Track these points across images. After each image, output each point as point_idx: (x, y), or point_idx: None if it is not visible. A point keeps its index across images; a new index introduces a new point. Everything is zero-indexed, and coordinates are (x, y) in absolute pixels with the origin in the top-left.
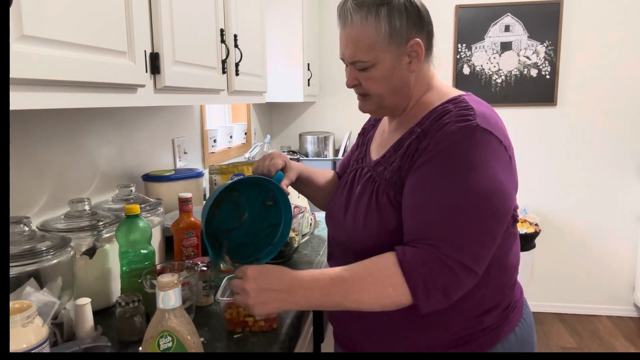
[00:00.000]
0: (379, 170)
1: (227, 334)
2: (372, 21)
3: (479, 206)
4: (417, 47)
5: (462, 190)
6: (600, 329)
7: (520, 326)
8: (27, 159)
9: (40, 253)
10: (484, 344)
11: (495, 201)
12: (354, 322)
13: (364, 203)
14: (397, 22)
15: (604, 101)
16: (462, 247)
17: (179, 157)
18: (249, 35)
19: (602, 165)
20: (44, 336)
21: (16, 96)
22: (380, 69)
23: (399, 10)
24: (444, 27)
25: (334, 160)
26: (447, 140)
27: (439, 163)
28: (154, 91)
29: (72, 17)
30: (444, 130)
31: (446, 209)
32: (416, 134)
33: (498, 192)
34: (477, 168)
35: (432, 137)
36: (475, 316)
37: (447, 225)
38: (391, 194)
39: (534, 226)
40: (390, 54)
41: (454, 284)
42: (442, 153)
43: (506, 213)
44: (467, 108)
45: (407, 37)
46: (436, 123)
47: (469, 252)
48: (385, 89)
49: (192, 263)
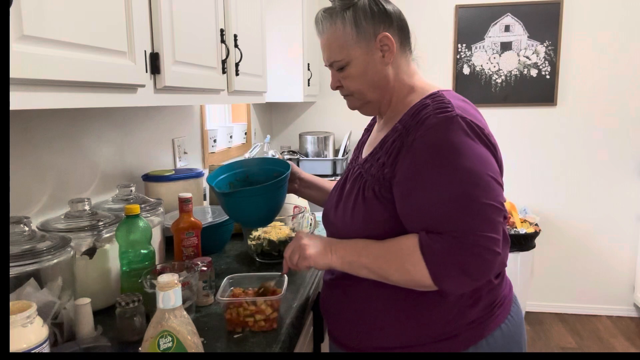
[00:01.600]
0: (366, 167)
1: (227, 334)
2: (340, 23)
3: (482, 188)
4: (387, 40)
5: (463, 177)
6: (600, 329)
7: (507, 323)
8: (27, 159)
9: (40, 253)
10: (469, 338)
11: (492, 180)
12: (344, 316)
13: (351, 199)
14: (362, 21)
15: (604, 101)
16: (483, 232)
17: (179, 157)
18: (249, 35)
19: (602, 165)
20: (44, 336)
21: (16, 96)
22: (354, 65)
23: (363, 9)
24: (444, 27)
25: (334, 160)
26: (431, 132)
27: (430, 156)
28: (154, 91)
29: (72, 17)
30: (426, 123)
31: (453, 199)
32: (399, 131)
33: (491, 170)
34: (467, 153)
35: (415, 132)
36: (460, 309)
37: (463, 215)
38: (376, 188)
39: (534, 226)
40: (361, 50)
41: (482, 267)
42: (431, 146)
43: (501, 186)
44: (444, 101)
45: (375, 32)
46: (415, 117)
47: (490, 237)
48: (364, 85)
49: (192, 263)
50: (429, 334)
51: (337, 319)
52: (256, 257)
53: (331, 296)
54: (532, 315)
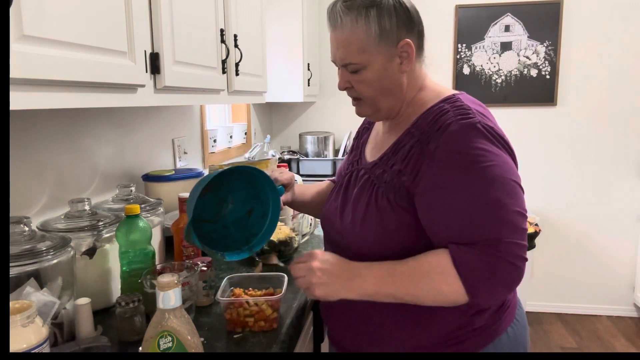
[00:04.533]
0: (377, 172)
1: (227, 334)
2: (362, 23)
3: (510, 195)
4: (408, 48)
5: (491, 184)
6: (600, 329)
7: (513, 326)
8: (27, 159)
9: (40, 253)
10: (476, 344)
11: (517, 185)
12: (346, 321)
13: (362, 206)
14: (387, 24)
15: (604, 101)
16: (514, 240)
17: (179, 157)
18: (249, 35)
19: (602, 165)
20: (44, 336)
21: (16, 96)
22: (371, 70)
23: (389, 11)
24: (444, 27)
25: (334, 160)
26: (454, 139)
27: (456, 164)
28: (154, 91)
29: (72, 17)
30: (448, 130)
31: (486, 207)
32: (416, 137)
33: (515, 176)
34: (493, 160)
35: (437, 139)
36: (467, 316)
37: (495, 222)
38: (391, 197)
39: (534, 226)
40: (381, 55)
41: (517, 276)
42: (457, 153)
43: (524, 192)
44: (464, 107)
45: (398, 38)
46: (435, 124)
47: (520, 244)
48: (377, 91)
49: (192, 263)
50: (433, 340)
51: (339, 323)
52: (256, 257)
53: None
54: (532, 315)
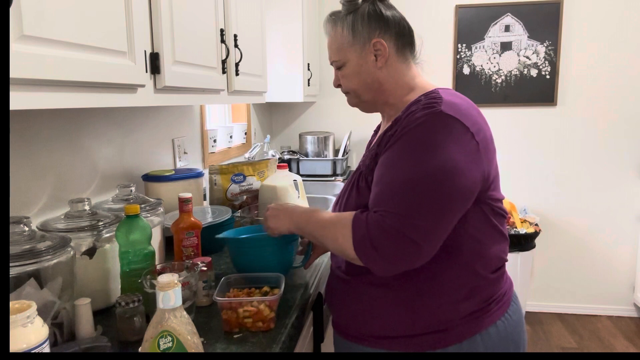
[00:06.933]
0: (366, 162)
1: (227, 334)
2: (340, 27)
3: (429, 183)
4: (380, 46)
5: (416, 168)
6: (600, 329)
7: (504, 320)
8: (27, 159)
9: (40, 253)
10: (463, 332)
11: (448, 181)
12: (345, 305)
13: (347, 189)
14: (359, 26)
15: (604, 101)
16: (405, 219)
17: (179, 157)
18: (249, 35)
19: (602, 165)
20: (44, 336)
21: (16, 96)
22: (349, 66)
23: (362, 16)
24: (444, 27)
25: (334, 160)
26: (411, 124)
27: (400, 144)
28: (154, 91)
29: (72, 17)
30: (410, 117)
31: (398, 185)
32: (393, 126)
33: (452, 172)
34: (434, 149)
35: (401, 124)
36: (452, 302)
37: (397, 198)
38: (370, 178)
39: (534, 226)
40: (356, 52)
41: (402, 255)
42: (405, 135)
43: (462, 193)
44: (435, 98)
45: (370, 38)
46: (406, 112)
47: (411, 224)
48: (358, 85)
49: (192, 263)
50: (422, 324)
51: (340, 307)
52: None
53: (336, 287)
54: (532, 315)
